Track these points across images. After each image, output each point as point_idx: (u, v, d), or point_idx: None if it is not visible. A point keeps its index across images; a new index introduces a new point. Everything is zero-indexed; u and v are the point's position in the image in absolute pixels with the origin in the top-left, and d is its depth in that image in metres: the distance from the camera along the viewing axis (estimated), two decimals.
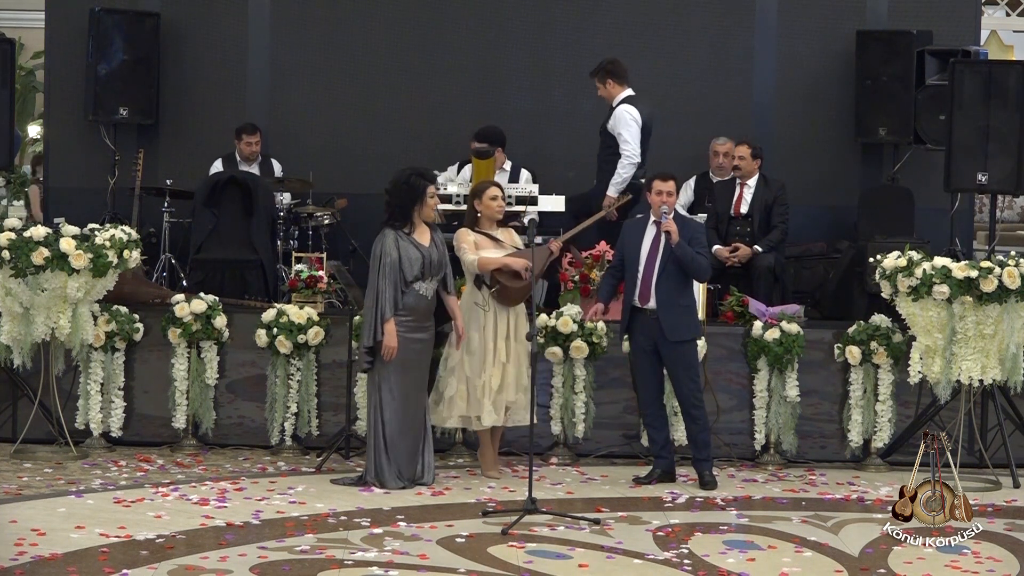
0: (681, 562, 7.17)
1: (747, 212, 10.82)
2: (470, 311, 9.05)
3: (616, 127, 10.57)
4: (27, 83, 20.50)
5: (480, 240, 9.08)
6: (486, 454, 9.20)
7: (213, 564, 6.89)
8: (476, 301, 9.03)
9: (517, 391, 9.02)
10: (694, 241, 8.92)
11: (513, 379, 9.02)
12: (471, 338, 9.00)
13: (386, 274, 8.63)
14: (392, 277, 8.63)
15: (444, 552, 7.25)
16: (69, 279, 9.23)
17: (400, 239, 8.69)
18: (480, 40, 12.14)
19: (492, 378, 8.96)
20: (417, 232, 8.76)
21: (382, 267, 8.64)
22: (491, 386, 8.96)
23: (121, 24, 11.90)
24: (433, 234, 8.82)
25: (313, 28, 12.21)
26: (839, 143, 12.07)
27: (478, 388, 8.97)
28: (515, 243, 9.19)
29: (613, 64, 10.66)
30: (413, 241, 8.72)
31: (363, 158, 11.99)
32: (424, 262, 8.69)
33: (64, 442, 9.55)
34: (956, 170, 10.32)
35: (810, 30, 12.07)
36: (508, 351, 9.02)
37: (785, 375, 9.70)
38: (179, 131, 12.15)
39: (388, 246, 8.67)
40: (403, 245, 8.68)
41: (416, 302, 8.72)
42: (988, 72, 10.44)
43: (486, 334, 8.99)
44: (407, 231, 8.73)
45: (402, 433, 8.73)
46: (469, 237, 9.08)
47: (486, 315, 9.00)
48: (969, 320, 9.09)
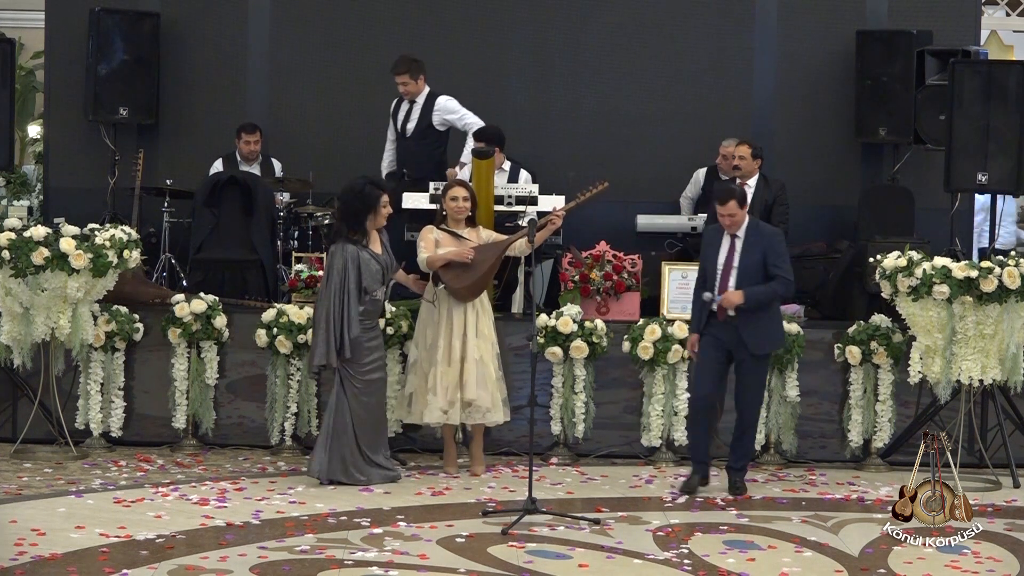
0: (681, 562, 7.17)
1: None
2: (425, 308, 9.12)
3: (444, 115, 10.83)
4: (27, 83, 20.48)
5: (442, 238, 9.12)
6: (447, 451, 9.31)
7: (213, 564, 6.89)
8: (427, 297, 9.10)
9: (479, 389, 8.97)
10: (771, 252, 8.69)
11: (474, 377, 8.97)
12: (426, 335, 9.08)
13: (349, 291, 8.67)
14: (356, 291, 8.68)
15: (444, 552, 7.25)
16: (69, 279, 9.23)
17: (360, 252, 8.71)
18: (480, 40, 12.14)
19: (443, 376, 8.96)
20: (371, 242, 8.81)
21: (345, 285, 8.66)
22: (442, 383, 8.96)
23: (121, 24, 11.90)
24: (381, 238, 8.89)
25: (313, 28, 12.21)
26: (839, 143, 12.07)
27: (426, 385, 9.04)
28: (482, 241, 9.17)
29: (419, 60, 10.86)
30: (371, 253, 8.76)
31: (363, 158, 11.98)
32: (383, 271, 8.80)
33: (64, 442, 9.55)
34: (956, 170, 10.32)
35: (810, 30, 12.07)
36: (465, 348, 8.99)
37: (785, 375, 9.70)
38: (179, 131, 12.15)
39: (349, 264, 8.67)
40: (364, 259, 8.71)
41: (374, 307, 8.86)
42: (988, 72, 10.44)
43: (439, 331, 9.02)
44: (364, 243, 8.75)
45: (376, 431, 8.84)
46: (430, 235, 9.13)
47: (440, 312, 9.03)
48: (969, 320, 9.09)
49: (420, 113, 10.89)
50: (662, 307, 9.97)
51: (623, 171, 11.99)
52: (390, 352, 9.72)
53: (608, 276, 10.10)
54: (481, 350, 9.02)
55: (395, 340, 9.71)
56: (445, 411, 9.02)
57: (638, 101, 12.09)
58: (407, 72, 10.80)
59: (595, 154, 11.99)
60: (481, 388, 8.99)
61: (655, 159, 11.92)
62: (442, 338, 9.01)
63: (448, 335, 9.02)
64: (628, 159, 12.04)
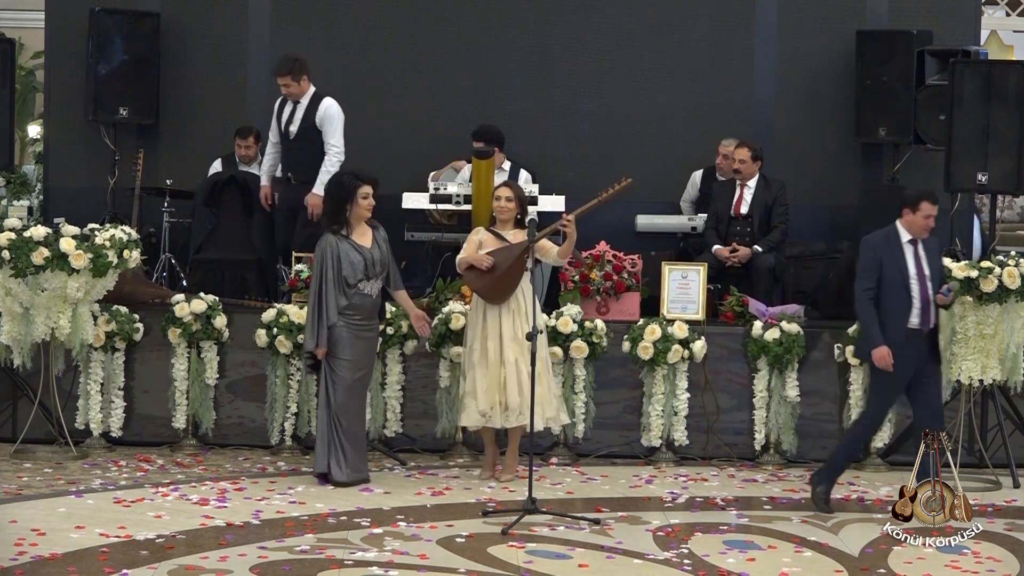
0: (681, 562, 7.17)
1: (747, 212, 10.82)
2: (468, 311, 9.08)
3: (323, 123, 10.57)
4: (27, 83, 20.51)
5: (487, 239, 9.03)
6: (487, 454, 9.19)
7: (213, 564, 6.89)
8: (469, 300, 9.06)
9: (520, 394, 8.78)
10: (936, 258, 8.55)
11: (515, 382, 8.82)
12: (467, 337, 9.06)
13: (328, 279, 8.65)
14: (334, 282, 8.65)
15: (444, 552, 7.25)
16: (69, 279, 9.23)
17: (340, 243, 8.69)
18: (480, 40, 12.13)
19: (481, 378, 8.88)
20: (356, 233, 8.76)
21: (322, 274, 8.66)
22: (480, 386, 8.87)
23: (121, 24, 11.89)
24: (376, 233, 8.82)
25: (313, 28, 12.19)
26: (839, 143, 12.06)
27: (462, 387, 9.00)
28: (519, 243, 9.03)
29: (301, 59, 10.68)
30: (353, 244, 8.72)
31: (363, 158, 11.97)
32: (366, 263, 8.71)
33: (64, 442, 9.55)
34: (956, 170, 10.32)
35: (810, 30, 12.06)
36: (502, 351, 8.90)
37: (785, 375, 9.70)
38: (179, 131, 12.14)
39: (327, 253, 8.67)
40: (343, 249, 8.68)
41: (361, 301, 8.75)
42: (988, 72, 10.44)
43: (475, 333, 8.98)
44: (345, 233, 8.72)
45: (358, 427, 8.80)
46: (474, 237, 9.08)
47: (476, 314, 9.00)
48: (969, 320, 9.09)
49: (304, 114, 10.65)
50: (662, 307, 9.97)
51: (623, 171, 11.87)
52: (390, 352, 9.73)
53: (608, 276, 10.10)
54: (516, 353, 8.84)
55: (395, 340, 9.71)
56: (485, 414, 8.89)
57: (638, 101, 12.07)
58: (289, 73, 10.55)
59: (595, 154, 11.98)
60: (522, 394, 8.76)
61: (655, 159, 11.91)
62: (478, 340, 8.94)
63: (483, 338, 8.93)
64: (628, 159, 12.01)
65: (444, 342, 9.61)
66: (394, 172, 11.26)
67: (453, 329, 9.55)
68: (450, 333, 9.56)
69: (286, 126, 10.73)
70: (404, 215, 10.78)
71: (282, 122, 10.77)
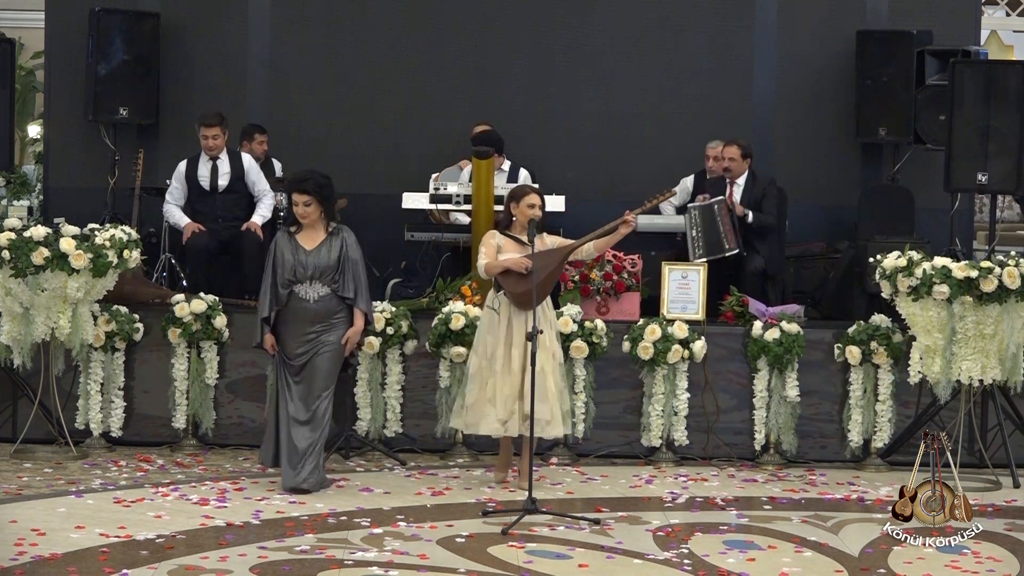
0: (681, 562, 7.17)
1: None
2: (487, 315, 8.82)
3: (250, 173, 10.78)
4: (27, 83, 20.52)
5: (505, 243, 8.77)
6: (501, 456, 9.03)
7: (213, 564, 6.89)
8: (490, 304, 8.78)
9: (539, 401, 8.43)
10: None
11: (542, 389, 8.48)
12: (487, 342, 8.77)
13: (267, 274, 8.59)
14: (271, 278, 8.56)
15: (444, 552, 7.25)
16: (69, 279, 9.23)
17: (286, 240, 8.60)
18: (480, 40, 12.14)
19: (502, 386, 8.66)
20: (304, 234, 8.60)
21: (266, 267, 8.62)
22: (501, 394, 8.64)
23: (121, 24, 11.90)
24: (330, 238, 8.56)
25: (313, 28, 12.21)
26: (839, 143, 12.07)
27: (484, 394, 8.73)
28: (546, 247, 8.78)
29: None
30: (294, 243, 8.57)
31: (363, 158, 12.00)
32: (296, 264, 8.51)
33: (64, 442, 9.55)
34: (956, 170, 10.32)
35: (810, 30, 12.07)
36: (525, 359, 8.53)
37: (785, 375, 9.70)
38: (179, 131, 12.13)
39: (271, 248, 8.63)
40: (280, 246, 8.58)
41: (295, 304, 8.55)
42: (988, 72, 10.44)
43: (499, 339, 8.69)
44: (293, 231, 8.64)
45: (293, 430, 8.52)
46: (492, 241, 8.80)
47: (500, 319, 8.72)
48: (969, 320, 9.09)
49: (230, 168, 10.72)
50: (662, 307, 9.96)
51: (623, 171, 12.00)
52: (390, 352, 9.73)
53: (608, 276, 10.10)
54: (541, 360, 8.47)
55: (395, 340, 9.71)
56: (504, 422, 8.67)
57: (638, 101, 12.09)
58: (220, 124, 10.66)
59: (595, 154, 12.00)
60: (540, 400, 8.48)
61: (655, 159, 11.92)
62: (501, 347, 8.65)
63: (508, 344, 8.65)
64: (628, 159, 12.04)
65: (444, 342, 9.60)
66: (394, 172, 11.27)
67: (453, 329, 9.54)
68: (450, 333, 9.56)
69: (211, 182, 10.74)
70: (404, 215, 10.79)
71: (203, 179, 10.76)
